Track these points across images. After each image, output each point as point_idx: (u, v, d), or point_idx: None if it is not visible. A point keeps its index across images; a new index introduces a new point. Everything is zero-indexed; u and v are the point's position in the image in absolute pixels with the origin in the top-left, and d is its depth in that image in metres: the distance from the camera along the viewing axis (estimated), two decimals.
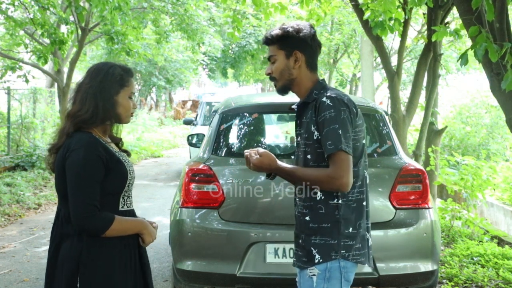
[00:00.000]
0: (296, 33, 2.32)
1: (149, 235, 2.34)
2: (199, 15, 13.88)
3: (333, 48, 19.86)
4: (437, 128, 7.19)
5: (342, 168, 2.15)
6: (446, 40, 9.96)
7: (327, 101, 2.22)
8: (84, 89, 2.27)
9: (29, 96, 13.58)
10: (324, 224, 2.24)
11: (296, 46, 2.34)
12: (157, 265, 5.33)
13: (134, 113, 2.42)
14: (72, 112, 2.27)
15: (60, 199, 2.27)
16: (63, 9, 10.77)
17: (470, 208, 6.30)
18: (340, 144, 2.15)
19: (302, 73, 2.36)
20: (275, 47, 2.37)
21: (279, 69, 2.36)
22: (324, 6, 7.95)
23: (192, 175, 3.73)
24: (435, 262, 3.73)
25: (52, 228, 2.34)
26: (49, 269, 2.31)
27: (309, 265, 2.26)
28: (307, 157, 2.29)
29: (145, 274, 2.39)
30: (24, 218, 7.50)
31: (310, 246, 2.26)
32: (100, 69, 2.30)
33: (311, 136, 2.27)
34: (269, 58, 2.41)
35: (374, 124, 4.11)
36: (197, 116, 12.14)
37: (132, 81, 2.35)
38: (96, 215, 2.14)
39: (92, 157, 2.16)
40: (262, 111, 4.37)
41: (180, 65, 25.49)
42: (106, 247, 2.21)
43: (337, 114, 2.20)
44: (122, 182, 2.28)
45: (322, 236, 2.24)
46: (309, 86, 2.36)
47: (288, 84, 2.38)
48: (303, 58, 2.35)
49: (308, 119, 2.30)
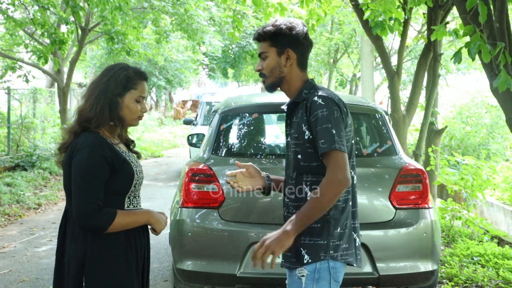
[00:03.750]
0: (289, 31, 2.30)
1: (158, 222, 2.34)
2: (199, 15, 13.87)
3: (333, 48, 19.86)
4: (437, 128, 7.19)
5: (338, 166, 2.13)
6: (446, 40, 9.98)
7: (319, 100, 2.21)
8: (92, 88, 2.30)
9: (29, 96, 13.59)
10: (314, 224, 2.21)
11: (289, 44, 2.31)
12: (157, 265, 5.33)
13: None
14: (79, 109, 2.31)
15: (68, 198, 2.28)
16: (63, 9, 10.77)
17: (470, 208, 6.30)
18: (333, 143, 2.13)
19: (293, 71, 2.33)
20: (266, 43, 2.33)
21: (270, 66, 2.33)
22: (324, 6, 7.95)
23: (192, 175, 3.73)
24: (435, 262, 3.73)
25: (60, 227, 2.35)
26: (57, 268, 2.32)
27: (298, 266, 2.23)
28: (298, 157, 2.28)
29: (143, 272, 2.40)
30: (24, 218, 7.50)
31: (300, 247, 2.23)
32: (110, 69, 2.32)
33: (301, 136, 2.25)
34: (260, 54, 2.38)
35: (374, 124, 4.10)
36: (197, 116, 12.14)
37: (143, 84, 2.33)
38: (97, 213, 2.14)
39: (97, 157, 2.17)
40: (262, 111, 4.37)
41: (180, 65, 25.48)
42: (111, 246, 2.22)
43: (329, 113, 2.18)
44: (128, 182, 2.28)
45: (311, 237, 2.22)
46: (299, 85, 2.34)
47: (277, 82, 2.36)
48: (295, 57, 2.32)
49: (299, 119, 2.28)
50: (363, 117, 4.26)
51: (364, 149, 4.19)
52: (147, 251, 2.42)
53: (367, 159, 3.96)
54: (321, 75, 22.98)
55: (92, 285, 2.21)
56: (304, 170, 2.26)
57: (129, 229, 2.27)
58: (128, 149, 2.42)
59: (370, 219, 3.68)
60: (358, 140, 4.51)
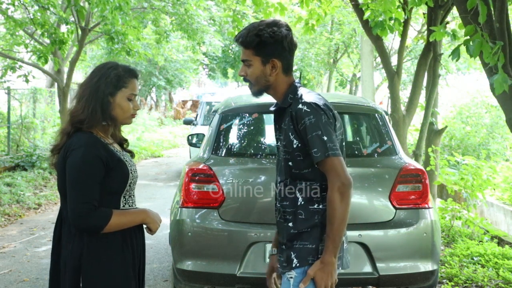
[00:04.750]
0: (274, 40, 2.22)
1: (154, 222, 2.33)
2: (200, 14, 13.87)
3: (333, 48, 19.84)
4: (437, 128, 7.20)
5: (337, 172, 2.13)
6: (446, 40, 9.97)
7: (304, 107, 2.18)
8: (83, 89, 2.28)
9: (29, 96, 13.58)
10: (303, 229, 2.22)
11: (273, 54, 2.23)
12: (157, 265, 5.33)
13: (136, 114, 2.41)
14: (71, 111, 2.29)
15: (62, 199, 2.27)
16: (63, 9, 10.77)
17: (470, 208, 6.30)
18: (326, 151, 2.12)
19: (278, 78, 2.28)
20: (250, 52, 2.25)
21: (255, 75, 2.27)
22: (324, 6, 7.95)
23: (192, 175, 3.73)
24: (435, 262, 3.73)
25: (55, 228, 2.34)
26: (53, 269, 2.32)
27: (287, 270, 2.25)
28: (289, 164, 2.26)
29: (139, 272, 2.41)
30: (24, 218, 7.50)
31: (290, 251, 2.24)
32: (99, 69, 2.30)
33: (290, 145, 2.24)
34: (243, 60, 2.30)
35: (374, 124, 4.11)
36: (197, 116, 12.15)
37: (133, 82, 2.32)
38: (93, 213, 2.14)
39: (91, 157, 2.16)
40: (262, 111, 4.37)
41: (180, 65, 25.49)
42: (108, 245, 2.22)
43: (317, 119, 2.16)
44: (123, 182, 2.28)
45: (301, 241, 2.23)
46: (284, 89, 2.29)
47: (263, 89, 2.31)
48: (280, 65, 2.26)
49: (286, 127, 2.25)
50: (363, 117, 4.26)
51: (364, 149, 4.19)
52: (142, 251, 2.41)
53: (367, 159, 3.96)
54: (321, 75, 22.96)
55: (89, 285, 2.20)
56: (296, 177, 2.26)
57: (125, 229, 2.26)
58: (122, 148, 2.41)
59: (370, 219, 3.68)
60: (358, 140, 4.51)
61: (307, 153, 2.19)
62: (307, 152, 2.19)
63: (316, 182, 2.23)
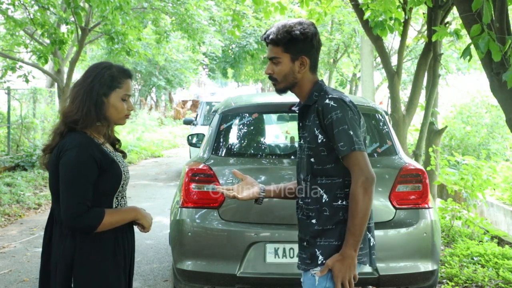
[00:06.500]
0: (304, 37, 2.26)
1: (145, 218, 2.34)
2: (200, 14, 13.88)
3: (333, 48, 19.87)
4: (437, 128, 7.20)
5: (361, 166, 2.16)
6: (446, 40, 9.98)
7: (331, 103, 2.21)
8: (77, 89, 2.27)
9: (29, 96, 13.58)
10: (328, 226, 2.24)
11: (303, 51, 2.28)
12: (157, 265, 5.33)
13: (134, 113, 2.40)
14: (64, 111, 2.28)
15: (54, 199, 2.26)
16: (63, 9, 10.78)
17: (470, 208, 6.31)
18: (353, 145, 2.15)
19: (305, 76, 2.32)
20: (279, 49, 2.29)
21: (283, 72, 2.31)
22: (324, 6, 7.96)
23: (192, 175, 3.73)
24: (435, 262, 3.73)
25: (45, 228, 2.34)
26: (43, 270, 2.31)
27: (312, 267, 2.25)
28: (311, 160, 2.28)
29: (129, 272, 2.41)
30: (24, 218, 7.50)
31: (315, 248, 2.25)
32: (93, 69, 2.29)
33: (314, 140, 2.26)
34: (271, 58, 2.33)
35: (374, 124, 4.10)
36: (197, 116, 12.15)
37: (127, 82, 2.31)
38: (86, 214, 2.14)
39: (85, 157, 2.16)
40: (262, 111, 4.37)
41: (180, 65, 25.48)
42: (100, 246, 2.22)
43: (344, 114, 2.19)
44: (116, 183, 2.28)
45: (326, 238, 2.24)
46: (309, 88, 2.33)
47: (290, 87, 2.35)
48: (308, 62, 2.31)
49: (311, 123, 2.28)
50: (363, 117, 4.26)
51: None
52: (132, 252, 2.42)
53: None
54: (321, 75, 22.96)
55: (82, 286, 2.19)
56: (318, 173, 2.27)
57: (117, 229, 2.26)
58: (114, 149, 2.41)
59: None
60: None
61: (331, 148, 2.22)
62: (331, 147, 2.22)
63: (339, 178, 2.25)
